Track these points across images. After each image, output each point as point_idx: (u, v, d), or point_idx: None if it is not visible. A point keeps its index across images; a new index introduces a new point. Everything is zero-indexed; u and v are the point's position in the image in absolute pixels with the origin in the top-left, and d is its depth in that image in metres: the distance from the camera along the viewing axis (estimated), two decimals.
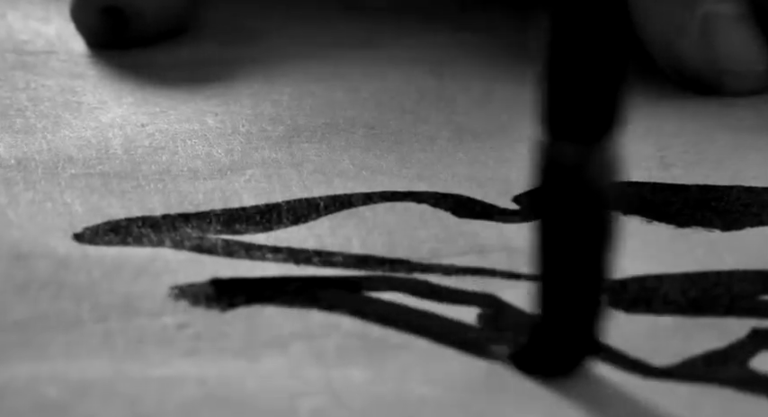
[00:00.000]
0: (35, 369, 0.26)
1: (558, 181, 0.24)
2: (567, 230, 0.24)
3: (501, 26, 0.42)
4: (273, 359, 0.27)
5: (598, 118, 0.24)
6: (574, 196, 0.24)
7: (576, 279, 0.25)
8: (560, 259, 0.25)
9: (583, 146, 0.24)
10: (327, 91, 0.39)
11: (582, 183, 0.24)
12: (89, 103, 0.38)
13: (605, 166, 0.24)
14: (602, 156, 0.24)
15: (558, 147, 0.24)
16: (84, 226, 0.31)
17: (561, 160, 0.24)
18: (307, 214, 0.33)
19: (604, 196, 0.24)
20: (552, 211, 0.24)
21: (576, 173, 0.24)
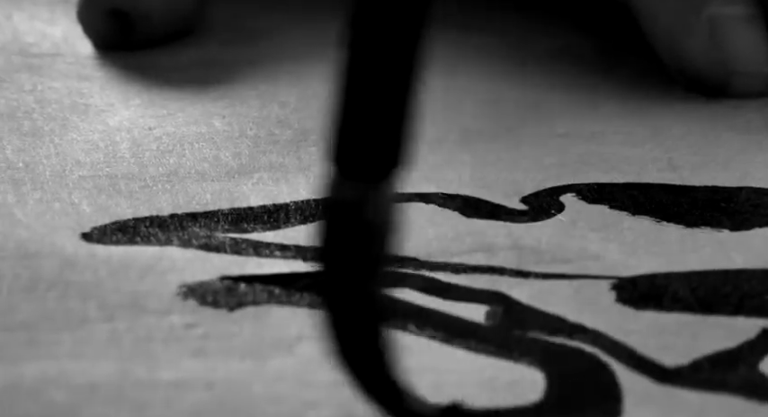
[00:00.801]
0: (43, 370, 0.26)
1: (339, 218, 0.24)
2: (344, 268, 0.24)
3: (507, 27, 0.42)
4: (281, 360, 0.27)
5: (380, 158, 0.24)
6: (351, 233, 0.24)
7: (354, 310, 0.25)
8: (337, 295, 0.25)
9: (363, 185, 0.24)
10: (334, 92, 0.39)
11: (360, 221, 0.24)
12: (96, 106, 0.38)
13: (384, 206, 0.25)
14: (381, 196, 0.24)
15: (341, 184, 0.24)
16: (92, 226, 0.31)
17: (343, 197, 0.24)
18: (315, 214, 0.33)
19: (380, 234, 0.25)
20: (332, 247, 0.25)
21: (355, 210, 0.24)
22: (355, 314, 0.25)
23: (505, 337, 0.28)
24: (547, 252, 0.31)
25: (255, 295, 0.29)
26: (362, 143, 0.24)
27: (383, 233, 0.25)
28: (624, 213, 0.33)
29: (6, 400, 0.25)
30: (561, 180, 0.35)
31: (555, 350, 0.28)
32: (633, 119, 0.38)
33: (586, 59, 0.41)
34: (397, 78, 0.25)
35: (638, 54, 0.41)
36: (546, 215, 0.33)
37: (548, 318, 0.29)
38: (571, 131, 0.37)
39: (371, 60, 0.25)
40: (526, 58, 0.40)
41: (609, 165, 0.35)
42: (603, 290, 0.30)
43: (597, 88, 0.39)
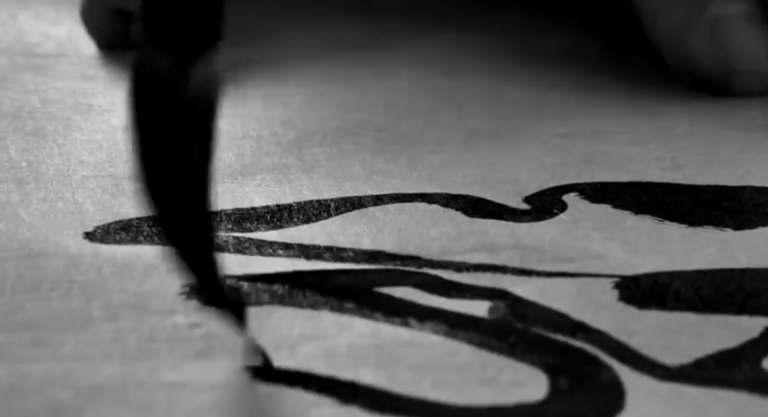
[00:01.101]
0: (47, 370, 0.26)
1: (152, 90, 0.23)
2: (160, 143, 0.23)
3: (511, 27, 0.42)
4: (284, 361, 0.27)
5: (198, 30, 0.23)
6: (168, 107, 0.23)
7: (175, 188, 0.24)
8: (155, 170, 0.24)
9: (181, 58, 0.23)
10: (338, 93, 0.39)
11: (176, 95, 0.23)
12: (99, 106, 0.38)
13: (204, 80, 0.23)
14: (200, 70, 0.23)
15: (156, 55, 0.23)
16: (96, 225, 0.31)
17: (157, 68, 0.23)
18: (318, 214, 0.33)
19: (201, 110, 0.23)
20: (144, 123, 0.23)
21: (172, 83, 0.23)
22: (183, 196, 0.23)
23: (508, 334, 0.28)
24: (549, 251, 0.31)
25: (258, 295, 0.29)
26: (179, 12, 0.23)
27: (204, 111, 0.23)
28: (627, 212, 0.33)
29: (11, 400, 0.25)
30: (564, 179, 0.35)
31: (557, 349, 0.28)
32: (636, 119, 0.38)
33: (589, 59, 0.41)
34: None
35: (641, 53, 0.41)
36: (549, 214, 0.33)
37: (550, 316, 0.29)
38: (574, 130, 0.37)
39: None
40: (529, 58, 0.40)
41: (612, 165, 0.35)
42: (606, 289, 0.30)
43: (600, 87, 0.39)
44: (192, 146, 0.24)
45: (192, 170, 0.24)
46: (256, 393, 0.26)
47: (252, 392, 0.26)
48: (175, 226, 0.25)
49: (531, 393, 0.26)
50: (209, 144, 0.24)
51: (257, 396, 0.26)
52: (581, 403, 0.26)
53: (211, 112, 0.24)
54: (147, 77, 0.23)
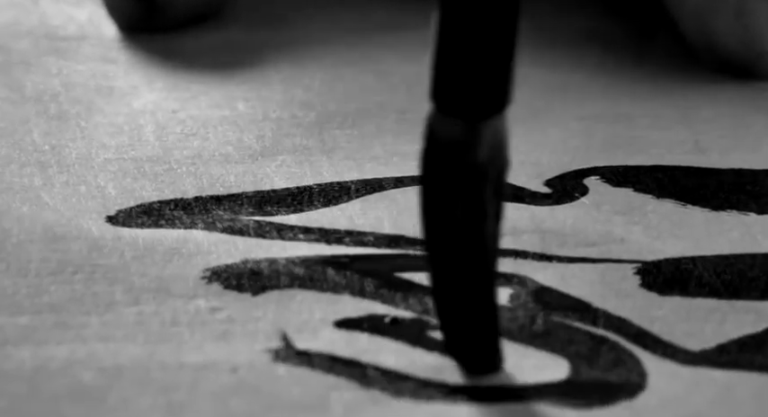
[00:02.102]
0: (71, 352, 0.26)
1: (444, 158, 0.23)
2: (450, 208, 0.23)
3: (532, 10, 0.42)
4: (305, 344, 0.27)
5: (487, 95, 0.23)
6: (458, 173, 0.23)
7: (462, 254, 0.24)
8: (444, 237, 0.23)
9: (470, 123, 0.23)
10: (358, 75, 0.39)
11: (467, 161, 0.23)
12: (121, 89, 0.38)
13: (492, 145, 0.23)
14: (489, 134, 0.23)
15: (446, 123, 0.23)
16: (118, 209, 0.32)
17: (448, 136, 0.23)
18: (338, 196, 0.33)
19: (488, 175, 0.23)
20: (436, 189, 0.23)
21: (462, 150, 0.23)
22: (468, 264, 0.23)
23: (529, 322, 0.28)
24: (571, 235, 0.31)
25: (279, 279, 0.29)
26: (468, 79, 0.22)
27: (490, 173, 0.23)
28: (649, 196, 0.33)
29: (35, 381, 0.26)
30: (586, 162, 0.34)
31: (578, 338, 0.28)
32: (660, 102, 0.37)
33: (612, 41, 0.41)
34: (502, 11, 0.23)
35: (666, 36, 0.41)
36: (570, 198, 0.33)
37: (572, 303, 0.29)
38: (597, 114, 0.37)
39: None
40: (551, 41, 0.40)
41: (635, 148, 0.35)
42: (628, 275, 0.30)
43: (623, 70, 0.39)
44: (486, 209, 0.23)
45: (486, 239, 0.23)
46: (277, 375, 0.26)
47: (273, 374, 0.26)
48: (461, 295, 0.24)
49: (554, 375, 0.26)
50: (500, 206, 0.24)
51: (278, 378, 0.26)
52: (603, 381, 0.26)
53: (501, 174, 0.23)
54: (439, 144, 0.23)
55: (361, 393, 0.26)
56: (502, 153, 0.23)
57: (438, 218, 0.23)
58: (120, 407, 0.25)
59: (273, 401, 0.25)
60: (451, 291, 0.24)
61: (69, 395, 0.25)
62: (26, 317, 0.27)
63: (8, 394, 0.25)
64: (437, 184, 0.23)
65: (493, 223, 0.24)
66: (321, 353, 0.27)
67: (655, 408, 0.25)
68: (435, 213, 0.23)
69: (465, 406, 0.25)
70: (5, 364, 0.26)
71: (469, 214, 0.23)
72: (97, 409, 0.25)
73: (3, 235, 0.30)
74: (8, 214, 0.31)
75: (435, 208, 0.23)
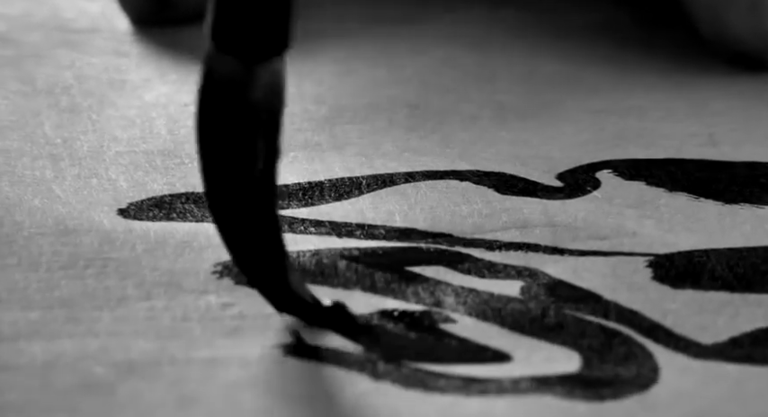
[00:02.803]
0: (83, 347, 0.26)
1: (219, 96, 0.23)
2: (222, 146, 0.23)
3: (542, 3, 0.42)
4: (315, 340, 0.27)
5: (265, 36, 0.23)
6: (231, 112, 0.23)
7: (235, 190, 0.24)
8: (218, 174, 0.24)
9: (247, 64, 0.23)
10: (370, 69, 0.39)
11: (241, 101, 0.23)
12: (133, 82, 0.38)
13: (268, 86, 0.23)
14: (265, 76, 0.23)
15: (223, 61, 0.23)
16: (129, 202, 0.32)
17: (224, 74, 0.23)
18: (349, 191, 0.33)
19: (262, 116, 0.23)
20: (210, 125, 0.23)
21: (237, 89, 0.23)
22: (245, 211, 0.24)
23: (541, 315, 0.28)
24: (582, 229, 0.31)
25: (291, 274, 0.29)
26: (246, 16, 0.22)
27: (268, 117, 0.23)
28: (661, 189, 0.33)
29: (47, 375, 0.26)
30: (598, 156, 0.34)
31: (590, 331, 0.28)
32: (673, 94, 0.37)
33: (623, 33, 0.40)
34: None
35: (676, 27, 0.41)
36: (582, 191, 0.33)
37: (583, 296, 0.29)
38: (609, 107, 0.37)
39: None
40: (561, 33, 0.40)
41: (647, 141, 0.35)
42: (640, 268, 0.30)
43: (634, 63, 0.39)
44: (256, 149, 0.24)
45: (258, 173, 0.24)
46: (288, 369, 0.26)
47: (284, 368, 0.26)
48: (241, 232, 0.25)
49: (565, 368, 0.26)
50: (274, 147, 0.24)
51: (289, 372, 0.26)
52: (614, 375, 0.26)
53: (276, 116, 0.24)
54: (216, 81, 0.23)
55: (372, 385, 0.26)
56: (279, 95, 0.23)
57: (211, 155, 0.23)
58: (131, 401, 0.25)
59: (284, 394, 0.25)
60: (231, 229, 0.24)
61: (81, 389, 0.25)
62: (37, 312, 0.27)
63: (20, 387, 0.25)
64: (211, 121, 0.23)
65: (266, 163, 0.23)
66: (331, 348, 0.27)
67: (667, 402, 0.25)
68: (209, 149, 0.23)
69: (476, 399, 0.25)
70: (17, 358, 0.26)
71: (241, 152, 0.23)
72: (108, 402, 0.25)
73: (14, 228, 0.30)
74: (20, 206, 0.31)
75: (209, 144, 0.23)
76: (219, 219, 0.25)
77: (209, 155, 0.24)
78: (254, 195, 0.24)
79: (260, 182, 0.24)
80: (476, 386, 0.26)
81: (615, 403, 0.25)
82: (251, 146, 0.24)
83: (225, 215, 0.25)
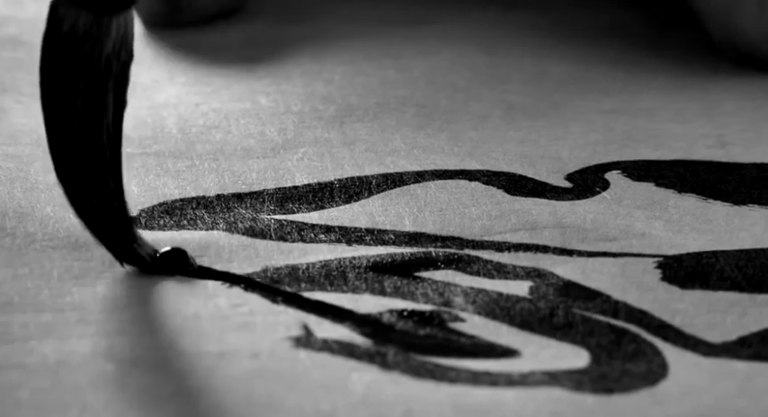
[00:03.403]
0: (93, 346, 0.26)
1: (68, 48, 0.23)
2: (71, 98, 0.23)
3: (551, 3, 0.42)
4: (326, 333, 0.27)
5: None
6: (82, 64, 0.23)
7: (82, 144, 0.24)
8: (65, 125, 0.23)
9: (99, 16, 0.23)
10: (379, 69, 0.39)
11: (92, 53, 0.23)
12: (144, 83, 0.38)
13: (119, 38, 0.23)
14: (116, 28, 0.23)
15: (74, 13, 0.23)
16: (140, 209, 0.32)
17: (75, 26, 0.23)
18: (359, 192, 0.33)
19: (112, 67, 0.23)
20: (58, 77, 0.23)
21: (88, 41, 0.23)
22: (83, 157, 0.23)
23: (549, 314, 0.28)
24: (591, 230, 0.31)
25: (300, 286, 0.29)
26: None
27: (117, 68, 0.23)
28: (671, 190, 0.33)
29: (58, 373, 0.26)
30: (607, 157, 0.34)
31: (599, 330, 0.28)
32: (681, 95, 0.37)
33: (632, 34, 0.40)
34: None
35: (685, 28, 0.41)
36: (591, 192, 0.33)
37: (592, 296, 0.29)
38: (618, 107, 0.37)
39: None
40: (570, 34, 0.40)
41: (657, 142, 0.35)
42: (649, 269, 0.30)
43: (643, 63, 0.39)
44: (107, 101, 0.23)
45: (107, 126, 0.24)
46: (298, 359, 0.26)
47: (294, 359, 0.26)
48: (86, 185, 0.25)
49: (573, 364, 0.26)
50: (122, 99, 0.24)
51: (299, 362, 0.26)
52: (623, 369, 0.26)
53: (125, 68, 0.23)
54: (65, 34, 0.23)
55: (382, 374, 0.26)
56: (128, 47, 0.23)
57: (58, 107, 0.23)
58: (141, 394, 0.25)
59: (294, 383, 0.25)
60: (75, 182, 0.24)
61: (91, 385, 0.25)
62: (49, 315, 0.28)
63: (31, 386, 0.26)
64: (60, 73, 0.23)
65: (114, 115, 0.24)
66: (341, 341, 0.27)
67: (676, 396, 0.25)
68: (56, 101, 0.23)
69: (486, 389, 0.25)
70: (29, 358, 0.26)
71: (90, 104, 0.23)
72: (119, 397, 0.25)
73: (26, 239, 0.30)
74: (32, 215, 0.31)
75: (56, 96, 0.23)
76: (64, 172, 0.24)
77: (55, 107, 0.24)
78: (102, 148, 0.24)
79: (108, 136, 0.24)
80: (486, 378, 0.26)
81: (624, 397, 0.25)
82: (101, 99, 0.23)
83: (71, 167, 0.24)
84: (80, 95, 0.23)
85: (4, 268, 0.29)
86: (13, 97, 0.37)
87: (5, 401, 0.25)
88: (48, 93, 0.24)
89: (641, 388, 0.25)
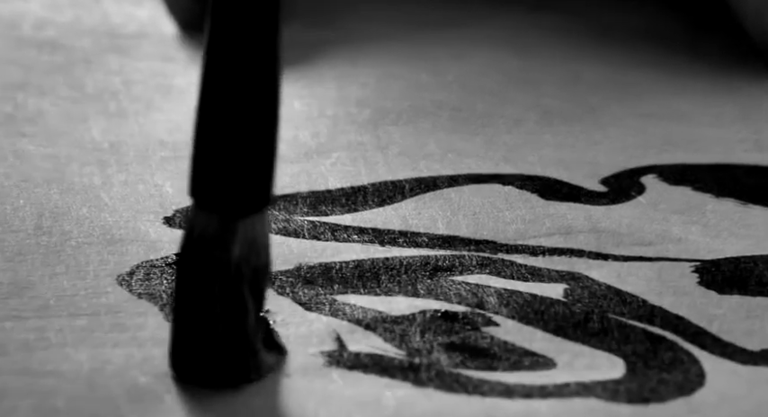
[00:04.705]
0: (128, 357, 0.27)
1: (198, 253, 0.23)
2: (208, 304, 0.23)
3: (586, 6, 0.42)
4: (358, 345, 0.27)
5: (243, 193, 0.23)
6: (211, 269, 0.23)
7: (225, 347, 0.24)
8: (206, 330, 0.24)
9: (225, 220, 0.23)
10: (412, 73, 0.38)
11: (219, 258, 0.23)
12: (179, 86, 0.38)
13: (247, 242, 0.23)
14: (244, 232, 0.23)
15: (203, 218, 0.23)
16: (175, 209, 0.32)
17: (203, 232, 0.23)
18: (392, 196, 0.33)
19: (243, 271, 0.23)
20: (191, 285, 0.23)
21: (215, 246, 0.23)
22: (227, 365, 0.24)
23: (584, 320, 0.28)
24: (627, 234, 0.31)
25: (333, 287, 0.29)
26: (224, 172, 0.22)
27: (248, 273, 0.23)
28: (708, 195, 0.33)
29: (93, 382, 0.26)
30: (643, 161, 0.34)
31: (635, 337, 0.27)
32: (719, 99, 0.37)
33: (669, 37, 0.40)
34: (261, 104, 0.23)
35: (724, 30, 0.40)
36: (626, 197, 0.32)
37: (627, 301, 0.28)
38: (655, 111, 0.36)
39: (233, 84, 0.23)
40: (606, 37, 0.40)
41: (694, 146, 0.35)
42: (686, 274, 0.29)
43: (681, 67, 0.39)
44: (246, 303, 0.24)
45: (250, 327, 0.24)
46: (330, 377, 0.26)
47: (326, 377, 0.26)
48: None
49: (608, 375, 0.26)
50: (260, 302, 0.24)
51: (331, 380, 0.26)
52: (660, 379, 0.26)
53: (258, 271, 0.23)
54: (195, 239, 0.23)
55: (414, 390, 0.26)
56: (258, 251, 0.23)
57: (197, 314, 0.24)
58: (177, 407, 0.25)
59: (327, 399, 0.25)
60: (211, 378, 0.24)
61: (127, 395, 0.26)
62: (85, 319, 0.28)
63: (67, 394, 0.26)
64: (192, 280, 0.23)
65: (256, 317, 0.24)
66: (374, 354, 0.27)
67: (713, 405, 0.25)
68: (194, 310, 0.23)
69: (520, 401, 0.25)
70: (64, 365, 0.26)
71: (228, 309, 0.23)
72: (155, 408, 0.25)
73: (63, 237, 0.30)
74: (68, 215, 0.31)
75: (193, 302, 0.23)
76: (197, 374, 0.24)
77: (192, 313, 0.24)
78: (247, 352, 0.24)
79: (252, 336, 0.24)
80: (519, 390, 0.25)
81: (660, 406, 0.25)
82: (240, 304, 0.23)
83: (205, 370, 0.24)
84: (217, 301, 0.23)
85: (41, 267, 0.29)
86: (50, 100, 0.37)
87: (42, 407, 0.25)
88: (184, 299, 0.24)
89: (677, 398, 0.25)
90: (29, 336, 0.27)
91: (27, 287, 0.28)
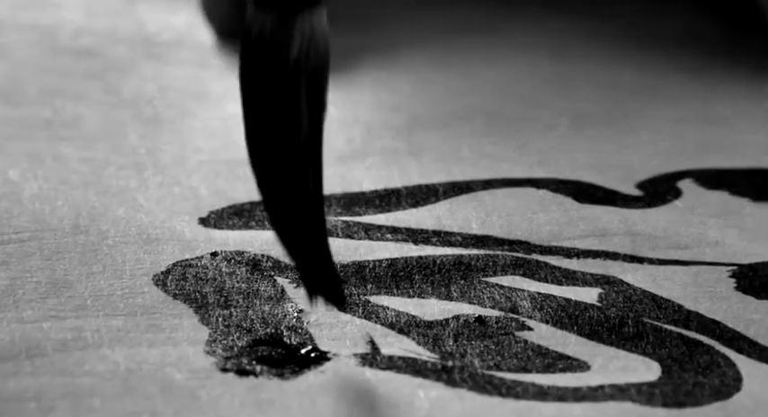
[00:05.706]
0: (163, 355, 0.27)
1: (257, 52, 0.22)
2: (265, 104, 0.22)
3: (622, 10, 0.41)
4: (392, 349, 0.27)
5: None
6: (270, 68, 0.22)
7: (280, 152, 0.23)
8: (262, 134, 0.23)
9: (283, 17, 0.22)
10: (447, 78, 0.39)
11: (279, 56, 0.22)
12: (215, 93, 0.39)
13: (307, 39, 0.22)
14: (302, 29, 0.22)
15: (260, 17, 0.22)
16: (210, 210, 0.32)
17: (261, 30, 0.22)
18: (426, 198, 0.33)
19: (302, 70, 0.22)
20: (251, 84, 0.22)
21: (274, 44, 0.22)
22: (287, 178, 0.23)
23: (619, 324, 0.28)
24: (663, 238, 0.31)
25: (366, 287, 0.29)
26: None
27: (308, 70, 0.23)
28: (745, 199, 0.32)
29: (129, 381, 0.26)
30: (679, 165, 0.34)
31: (670, 341, 0.27)
32: (756, 102, 0.37)
33: (708, 41, 0.40)
34: None
35: (762, 35, 0.40)
36: (662, 201, 0.32)
37: (663, 305, 0.28)
38: (691, 116, 0.36)
39: None
40: (641, 42, 0.40)
41: (730, 151, 0.34)
42: (722, 278, 0.29)
43: (718, 71, 0.38)
44: (299, 108, 0.23)
45: (303, 133, 0.23)
46: (364, 377, 0.26)
47: (360, 376, 0.26)
48: (283, 205, 0.24)
49: (643, 378, 0.26)
50: (319, 106, 0.23)
51: (365, 379, 0.26)
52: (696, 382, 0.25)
53: (318, 72, 0.23)
54: (254, 38, 0.23)
55: (447, 391, 0.26)
56: (318, 47, 0.23)
57: (253, 116, 0.23)
58: (211, 405, 0.25)
59: (360, 399, 0.25)
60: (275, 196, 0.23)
61: (162, 394, 0.26)
62: (120, 319, 0.28)
63: (103, 393, 0.26)
64: (252, 79, 0.23)
65: (311, 122, 0.23)
66: (407, 357, 0.27)
67: (749, 410, 0.25)
68: (251, 110, 0.23)
69: (553, 404, 0.25)
70: (100, 365, 0.27)
71: (283, 112, 0.22)
72: (189, 407, 0.25)
73: (99, 236, 0.31)
74: (105, 216, 0.32)
75: (252, 103, 0.23)
76: (262, 179, 0.24)
77: (251, 115, 0.23)
78: (299, 157, 0.23)
79: (305, 143, 0.23)
80: (553, 392, 0.25)
81: (695, 410, 0.25)
82: (295, 105, 0.23)
83: (268, 179, 0.24)
84: (273, 100, 0.23)
85: (79, 266, 0.29)
86: (87, 104, 0.38)
87: (79, 407, 0.25)
88: (245, 99, 0.23)
89: (713, 402, 0.25)
90: (66, 336, 0.27)
91: (65, 286, 0.29)
